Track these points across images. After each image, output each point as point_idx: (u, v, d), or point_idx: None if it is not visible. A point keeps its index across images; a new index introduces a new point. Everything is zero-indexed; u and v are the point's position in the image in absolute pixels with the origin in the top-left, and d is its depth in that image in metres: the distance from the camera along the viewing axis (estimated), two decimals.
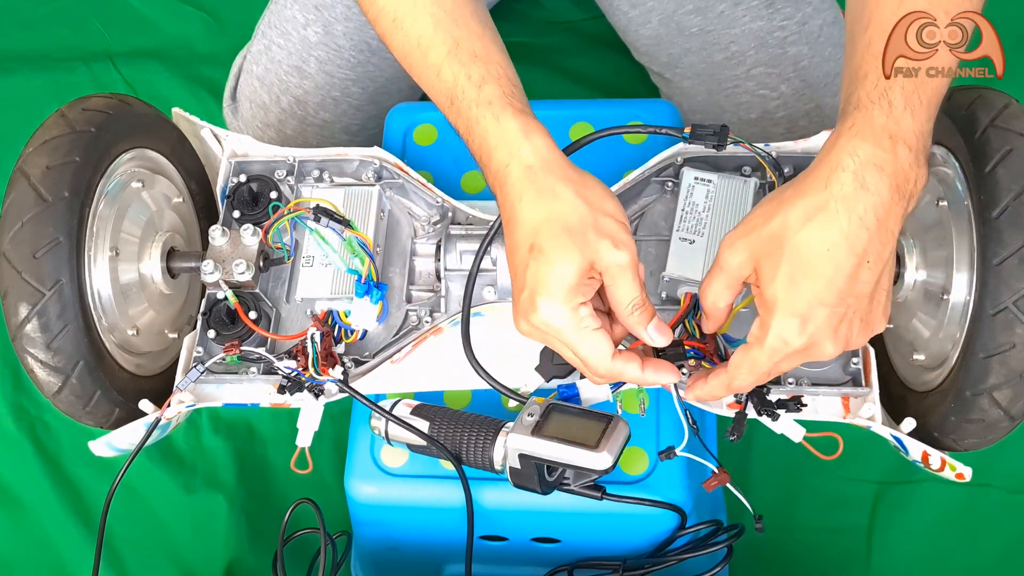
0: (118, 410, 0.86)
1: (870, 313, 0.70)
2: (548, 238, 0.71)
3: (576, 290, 0.71)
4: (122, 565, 1.18)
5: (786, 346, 0.69)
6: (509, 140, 0.74)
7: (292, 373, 0.84)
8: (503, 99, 0.76)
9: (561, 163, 0.74)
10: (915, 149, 0.68)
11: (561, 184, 0.72)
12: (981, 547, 1.14)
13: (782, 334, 0.68)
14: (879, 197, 0.67)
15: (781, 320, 0.68)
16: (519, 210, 0.73)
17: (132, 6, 1.56)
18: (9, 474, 1.23)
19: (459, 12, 0.80)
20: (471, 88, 0.76)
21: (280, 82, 1.17)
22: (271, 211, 0.91)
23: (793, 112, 1.12)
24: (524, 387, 0.83)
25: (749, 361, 0.71)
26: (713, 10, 1.12)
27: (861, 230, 0.67)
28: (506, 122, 0.75)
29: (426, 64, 0.79)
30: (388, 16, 0.82)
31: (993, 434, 0.79)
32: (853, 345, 0.70)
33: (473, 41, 0.78)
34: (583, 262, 0.71)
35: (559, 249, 0.71)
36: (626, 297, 0.72)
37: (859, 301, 0.69)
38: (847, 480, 1.16)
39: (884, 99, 0.69)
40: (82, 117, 0.85)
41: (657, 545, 0.90)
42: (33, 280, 0.80)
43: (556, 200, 0.72)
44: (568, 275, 0.71)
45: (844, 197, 0.67)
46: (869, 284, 0.68)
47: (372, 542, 0.99)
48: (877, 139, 0.67)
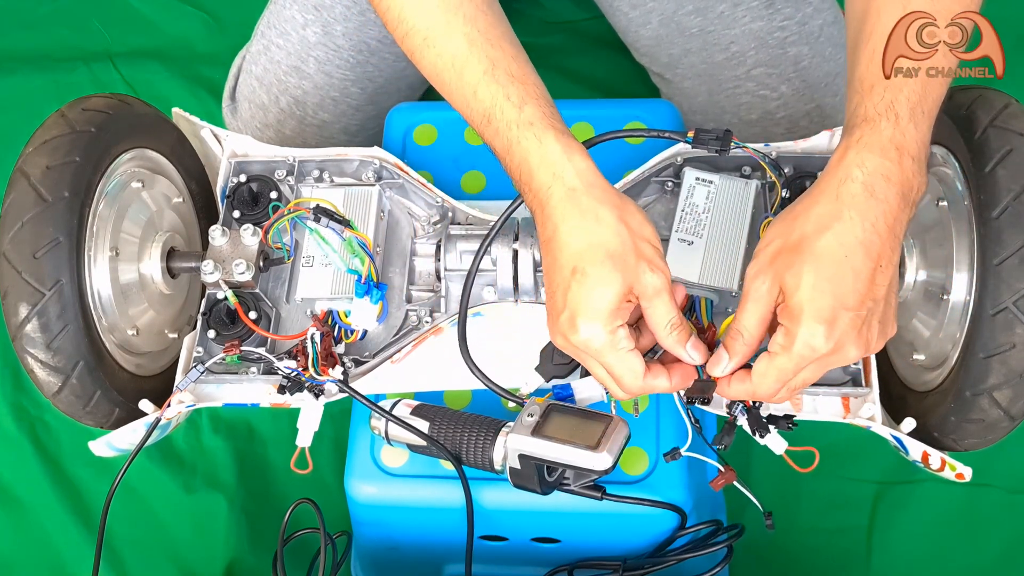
0: (118, 410, 0.86)
1: (886, 315, 0.72)
2: (592, 263, 0.73)
3: (616, 313, 0.73)
4: (122, 565, 1.18)
5: (813, 352, 0.70)
6: (552, 161, 0.75)
7: (292, 373, 0.84)
8: (544, 120, 0.76)
9: (603, 186, 0.75)
10: (918, 159, 0.71)
11: (604, 208, 0.74)
12: (981, 547, 1.14)
13: (810, 340, 0.69)
14: (888, 205, 0.69)
15: (808, 326, 0.69)
16: (561, 231, 0.74)
17: (132, 6, 1.56)
18: (9, 474, 1.23)
19: (492, 33, 0.80)
20: (511, 108, 0.77)
21: (279, 82, 1.17)
22: (271, 211, 0.91)
23: (794, 112, 1.12)
24: (524, 386, 0.83)
25: (775, 369, 0.71)
26: (713, 11, 1.12)
27: (874, 236, 0.69)
28: (548, 143, 0.75)
29: (461, 83, 0.80)
30: (419, 35, 0.81)
31: (993, 434, 0.79)
32: (873, 349, 0.71)
33: (509, 62, 0.79)
34: (623, 286, 0.72)
35: (602, 274, 0.72)
36: (663, 319, 0.74)
37: (877, 304, 0.70)
38: (847, 480, 1.16)
39: (891, 111, 0.71)
40: (82, 117, 0.85)
41: (657, 545, 0.90)
42: (33, 280, 0.80)
43: (599, 224, 0.73)
44: (610, 299, 0.72)
45: (856, 206, 0.69)
46: (883, 287, 0.70)
47: (372, 542, 0.99)
48: (884, 151, 0.70)
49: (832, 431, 0.85)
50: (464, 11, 0.80)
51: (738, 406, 0.79)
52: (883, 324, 0.72)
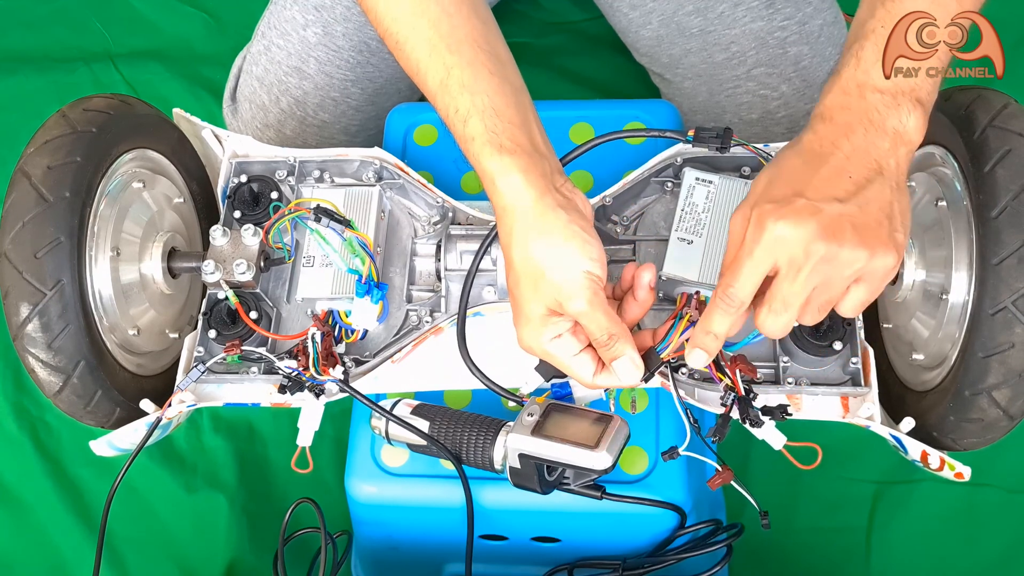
0: (119, 410, 0.86)
1: (863, 223, 0.69)
2: (515, 284, 0.77)
3: (544, 329, 0.76)
4: (123, 565, 1.18)
5: (777, 241, 0.68)
6: (489, 180, 0.76)
7: (293, 373, 0.84)
8: (483, 136, 0.76)
9: (529, 206, 0.75)
10: (887, 91, 0.72)
11: (524, 233, 0.75)
12: (981, 547, 1.14)
13: (766, 223, 0.69)
14: (844, 127, 0.72)
15: (761, 208, 0.70)
16: (502, 246, 0.78)
17: (132, 6, 1.56)
18: (10, 474, 1.23)
19: (455, 36, 0.79)
20: (458, 122, 0.77)
21: (279, 83, 1.17)
22: (272, 211, 0.91)
23: (794, 112, 1.13)
24: (525, 385, 0.83)
25: (752, 271, 0.70)
26: (713, 11, 1.13)
27: (829, 146, 0.71)
28: (485, 161, 0.76)
29: (426, 91, 0.81)
30: (392, 38, 0.82)
31: (992, 433, 0.79)
32: (847, 248, 0.68)
33: (463, 69, 0.78)
34: (543, 308, 0.76)
35: (522, 295, 0.76)
36: (593, 336, 0.76)
37: (843, 206, 0.69)
38: (847, 480, 1.16)
39: (855, 57, 0.74)
40: (83, 117, 0.85)
41: (657, 544, 0.91)
42: (34, 280, 0.80)
43: (520, 247, 0.76)
44: (534, 317, 0.76)
45: (813, 129, 0.73)
46: (842, 191, 0.69)
47: (372, 541, 0.99)
48: (845, 90, 0.73)
49: (831, 431, 0.85)
50: (429, 15, 0.80)
51: (731, 396, 0.79)
52: (859, 231, 0.69)
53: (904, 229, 0.71)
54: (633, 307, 0.79)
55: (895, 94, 0.72)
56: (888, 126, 0.71)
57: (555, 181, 0.76)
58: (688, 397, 0.82)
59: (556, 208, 0.75)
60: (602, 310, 0.75)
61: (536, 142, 0.77)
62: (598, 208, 0.90)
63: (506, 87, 0.78)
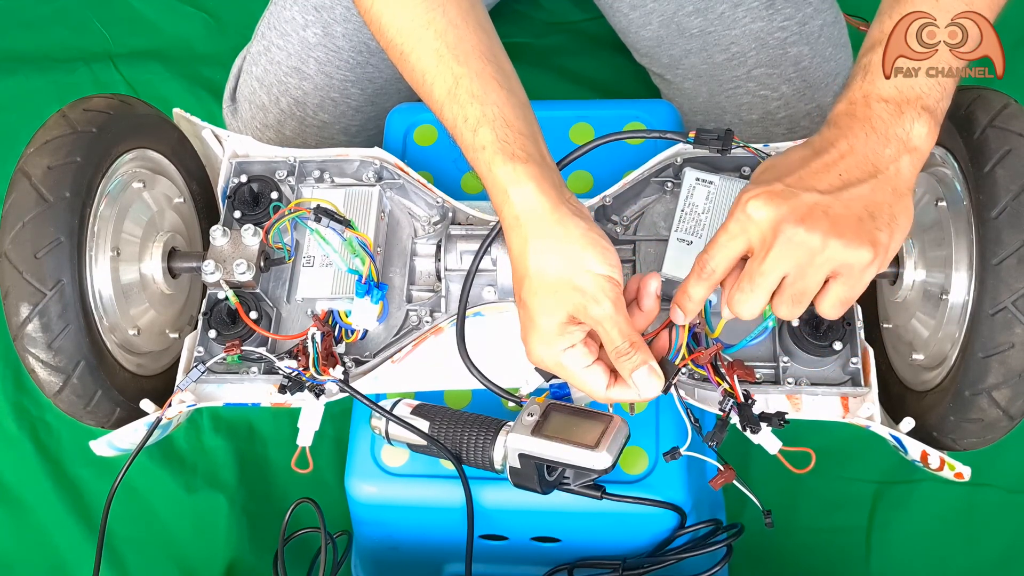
0: (119, 410, 0.86)
1: (840, 215, 0.69)
2: (530, 293, 0.75)
3: (559, 339, 0.75)
4: (123, 565, 1.18)
5: (755, 223, 0.70)
6: (500, 189, 0.76)
7: (293, 373, 0.84)
8: (495, 144, 0.76)
9: (545, 214, 0.75)
10: (892, 100, 0.73)
11: (541, 241, 0.75)
12: (980, 547, 1.14)
13: (748, 206, 0.70)
14: (844, 130, 0.73)
15: (746, 192, 0.71)
16: (513, 255, 0.77)
17: (132, 6, 1.56)
18: (10, 474, 1.23)
19: (462, 46, 0.79)
20: (467, 132, 0.77)
21: (279, 83, 1.17)
22: (272, 211, 0.91)
23: (794, 112, 1.13)
24: (525, 385, 0.83)
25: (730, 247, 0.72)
26: (713, 11, 1.13)
27: (824, 143, 0.73)
28: (496, 169, 0.76)
29: (432, 100, 0.80)
30: (396, 49, 0.82)
31: (992, 433, 0.79)
32: (823, 238, 0.69)
33: (472, 80, 0.78)
34: (562, 317, 0.75)
35: (538, 305, 0.75)
36: (610, 346, 0.75)
37: (823, 197, 0.70)
38: (846, 480, 1.17)
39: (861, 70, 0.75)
40: (83, 117, 0.85)
41: (657, 544, 0.91)
42: (34, 280, 0.80)
43: (538, 255, 0.75)
44: (549, 327, 0.75)
45: (819, 132, 0.75)
46: (826, 183, 0.71)
47: (372, 541, 0.99)
48: (851, 100, 0.74)
49: (831, 431, 0.86)
50: (435, 25, 0.79)
51: (730, 401, 0.79)
52: (833, 221, 0.69)
53: (891, 231, 0.70)
54: (639, 317, 0.78)
55: (900, 103, 0.72)
56: (892, 133, 0.72)
57: (564, 192, 0.77)
58: (688, 397, 0.82)
59: (574, 216, 0.75)
60: (624, 315, 0.75)
61: (544, 154, 0.78)
62: (598, 208, 0.90)
63: (513, 99, 0.78)
